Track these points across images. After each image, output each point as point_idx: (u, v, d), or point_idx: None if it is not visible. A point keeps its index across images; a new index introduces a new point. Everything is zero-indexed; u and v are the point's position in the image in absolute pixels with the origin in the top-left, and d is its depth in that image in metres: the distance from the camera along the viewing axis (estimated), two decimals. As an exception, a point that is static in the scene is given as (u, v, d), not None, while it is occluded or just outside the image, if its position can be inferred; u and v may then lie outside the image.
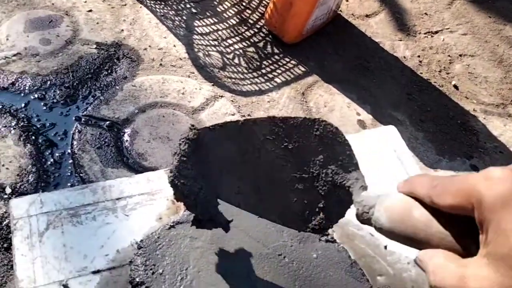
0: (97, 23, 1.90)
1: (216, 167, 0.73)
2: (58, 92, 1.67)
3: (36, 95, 1.64)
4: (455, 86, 2.07)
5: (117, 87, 1.72)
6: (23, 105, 1.61)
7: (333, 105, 1.86)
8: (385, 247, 0.98)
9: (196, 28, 2.00)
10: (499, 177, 0.43)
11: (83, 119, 1.60)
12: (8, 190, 1.37)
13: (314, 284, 0.85)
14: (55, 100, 1.65)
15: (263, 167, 0.72)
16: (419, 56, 2.15)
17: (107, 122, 1.60)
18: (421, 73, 2.09)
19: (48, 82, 1.69)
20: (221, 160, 0.73)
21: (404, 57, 2.13)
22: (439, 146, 1.81)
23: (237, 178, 0.73)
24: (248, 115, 1.74)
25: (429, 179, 0.51)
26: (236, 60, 1.92)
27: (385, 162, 1.15)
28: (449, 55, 2.19)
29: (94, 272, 0.84)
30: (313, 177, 0.72)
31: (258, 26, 2.07)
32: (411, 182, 0.54)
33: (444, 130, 1.88)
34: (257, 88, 1.86)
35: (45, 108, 1.62)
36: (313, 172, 0.72)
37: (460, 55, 2.20)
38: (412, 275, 0.94)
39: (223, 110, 1.73)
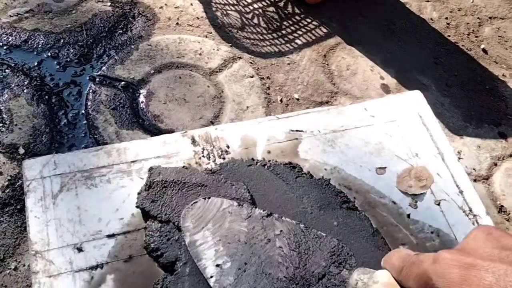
0: (112, -21, 1.86)
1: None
2: (71, 50, 1.65)
3: (49, 54, 1.63)
4: (484, 50, 2.00)
5: (132, 47, 1.69)
6: (36, 63, 1.60)
7: (355, 69, 1.81)
8: (408, 215, 0.96)
9: (214, -14, 1.95)
10: (447, 262, 0.45)
11: (97, 79, 1.58)
12: (21, 151, 1.37)
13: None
14: (68, 59, 1.63)
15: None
16: (446, 18, 2.08)
17: (122, 83, 1.58)
18: (449, 36, 2.02)
19: (62, 40, 1.67)
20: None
21: (431, 19, 2.06)
22: (465, 112, 1.76)
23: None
24: (267, 77, 1.70)
25: (399, 260, 0.55)
26: (255, 20, 1.87)
27: (410, 128, 1.11)
28: (478, 18, 2.12)
29: (109, 236, 0.83)
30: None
31: (279, -16, 2.01)
32: (386, 262, 0.59)
33: (471, 96, 1.82)
34: (276, 50, 1.82)
35: (58, 67, 1.60)
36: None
37: (490, 18, 2.12)
38: (436, 245, 0.92)
39: (241, 72, 1.69)
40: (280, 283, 0.76)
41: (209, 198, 0.84)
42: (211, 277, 0.75)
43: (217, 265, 0.76)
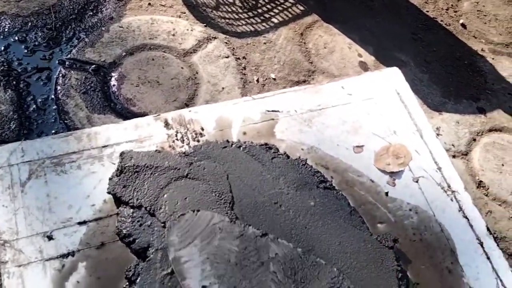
0: (79, -42, 1.82)
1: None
2: (40, 34, 1.62)
3: (16, 38, 1.59)
4: (463, 25, 2.01)
5: (103, 29, 1.66)
6: (2, 48, 1.56)
7: (333, 46, 1.81)
8: (386, 193, 0.97)
9: (186, -36, 1.92)
10: None
11: (67, 63, 1.55)
12: (-12, 139, 1.34)
13: (312, 233, 0.84)
14: (37, 43, 1.59)
15: None
16: (425, -7, 2.08)
17: (93, 66, 1.55)
18: (427, 11, 2.02)
19: (29, 24, 1.63)
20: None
21: (410, -6, 2.06)
22: (444, 88, 1.77)
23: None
24: (243, 57, 1.69)
25: None
26: (229, -1, 1.85)
27: (388, 106, 1.12)
28: (457, -8, 2.12)
29: (80, 223, 0.83)
30: None
31: (253, -39, 1.99)
32: None
33: (450, 72, 1.83)
34: (252, 29, 1.80)
35: (26, 51, 1.57)
36: None
37: (469, -8, 2.13)
38: (414, 222, 0.93)
39: (216, 52, 1.68)
40: None
41: (198, 211, 0.81)
42: None
43: (203, 287, 0.73)
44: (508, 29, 2.03)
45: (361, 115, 1.10)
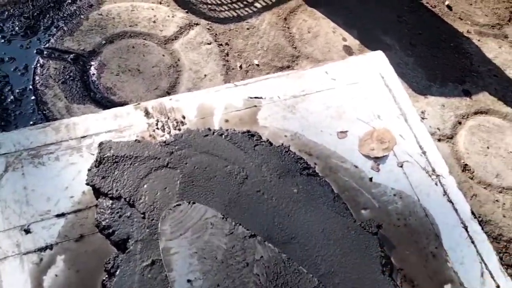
0: None
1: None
2: (17, 23, 1.59)
3: (-8, 27, 1.56)
4: (449, 7, 2.01)
5: (82, 16, 1.64)
6: (-22, 38, 1.54)
7: (317, 31, 1.79)
8: (370, 179, 0.97)
9: (166, -52, 1.89)
10: None
11: (45, 52, 1.53)
12: (-34, 131, 1.32)
13: (295, 221, 0.84)
14: (14, 32, 1.57)
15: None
16: (410, -25, 2.07)
17: (72, 55, 1.53)
18: (412, -7, 2.01)
19: (6, 13, 1.60)
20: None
21: (394, -24, 2.05)
22: (430, 71, 1.77)
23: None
24: (226, 43, 1.67)
25: None
26: (211, -17, 1.83)
27: (372, 90, 1.11)
28: (442, -27, 2.11)
29: (58, 216, 0.82)
30: None
31: None
32: None
33: (435, 54, 1.83)
34: (235, 14, 1.78)
35: (3, 41, 1.54)
36: None
37: (454, -27, 2.12)
38: (399, 208, 0.93)
39: (198, 39, 1.66)
40: None
41: (193, 203, 0.80)
42: None
43: (188, 281, 0.73)
44: (494, 10, 2.03)
45: (345, 100, 1.09)
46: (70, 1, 1.69)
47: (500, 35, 1.95)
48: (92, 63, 1.53)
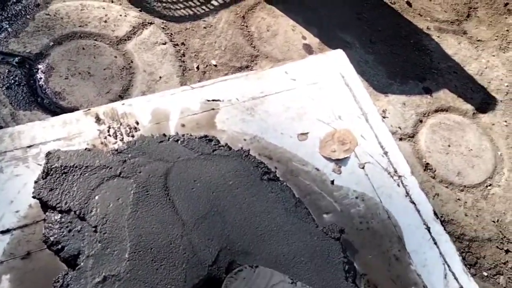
0: None
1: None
2: (-44, 24, 1.54)
3: None
4: (408, 3, 2.04)
5: (28, 17, 1.60)
6: None
7: (276, 29, 1.80)
8: (332, 182, 0.97)
9: None
10: None
11: (-12, 56, 1.49)
12: None
13: (256, 229, 0.83)
14: (-47, 34, 1.52)
15: None
16: (369, -29, 2.10)
17: (17, 58, 1.49)
18: (371, -11, 2.04)
19: None
20: None
21: (353, -28, 2.07)
22: (390, 69, 1.79)
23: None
24: (182, 43, 1.66)
25: None
26: (165, -19, 1.81)
27: (332, 90, 1.12)
28: (401, -31, 2.15)
29: (3, 232, 0.79)
30: None
31: None
32: None
33: (395, 52, 1.86)
34: (191, 13, 1.77)
35: None
36: None
37: (413, -32, 2.16)
38: (361, 211, 0.94)
39: (153, 39, 1.64)
40: None
41: (256, 266, 0.74)
42: None
43: None
44: (453, 6, 2.08)
45: (306, 101, 1.09)
46: (14, 0, 1.64)
47: (459, 31, 1.99)
48: (39, 66, 1.49)
